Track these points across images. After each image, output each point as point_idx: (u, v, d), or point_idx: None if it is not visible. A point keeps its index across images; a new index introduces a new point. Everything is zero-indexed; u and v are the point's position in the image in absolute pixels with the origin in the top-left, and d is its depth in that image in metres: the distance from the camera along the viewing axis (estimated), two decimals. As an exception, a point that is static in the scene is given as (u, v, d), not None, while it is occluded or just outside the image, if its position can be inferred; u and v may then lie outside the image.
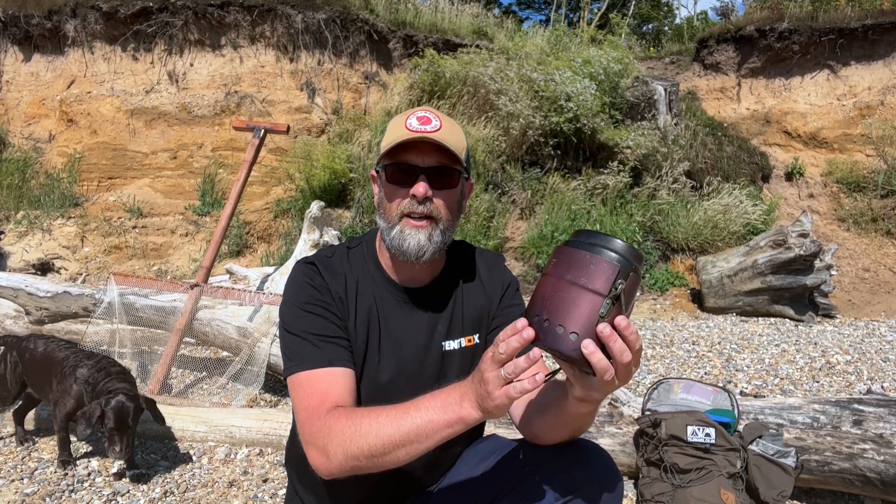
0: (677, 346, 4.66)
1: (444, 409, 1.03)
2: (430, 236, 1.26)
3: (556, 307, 0.93)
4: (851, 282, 6.79)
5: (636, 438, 2.34)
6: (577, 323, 0.92)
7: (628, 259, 0.95)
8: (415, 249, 1.26)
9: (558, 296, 0.94)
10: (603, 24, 11.92)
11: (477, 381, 1.00)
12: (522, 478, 1.29)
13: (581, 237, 0.99)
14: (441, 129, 1.25)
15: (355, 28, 8.17)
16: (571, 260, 0.96)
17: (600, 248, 0.95)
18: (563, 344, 0.92)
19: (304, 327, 1.27)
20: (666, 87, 7.83)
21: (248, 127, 4.29)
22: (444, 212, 1.28)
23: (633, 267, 0.95)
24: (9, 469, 2.57)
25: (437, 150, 1.24)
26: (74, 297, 3.92)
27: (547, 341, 0.93)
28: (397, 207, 1.27)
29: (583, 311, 0.92)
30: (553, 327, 0.93)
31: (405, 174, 1.25)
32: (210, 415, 2.97)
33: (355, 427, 1.09)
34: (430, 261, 1.30)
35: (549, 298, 0.95)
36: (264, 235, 7.09)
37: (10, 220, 6.80)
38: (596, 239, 0.97)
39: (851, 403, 2.42)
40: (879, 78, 8.48)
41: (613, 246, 0.96)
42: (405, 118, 1.26)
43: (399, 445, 1.05)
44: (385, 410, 1.09)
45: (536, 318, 0.95)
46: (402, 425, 1.05)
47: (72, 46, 7.98)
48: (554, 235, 6.35)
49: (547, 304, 0.94)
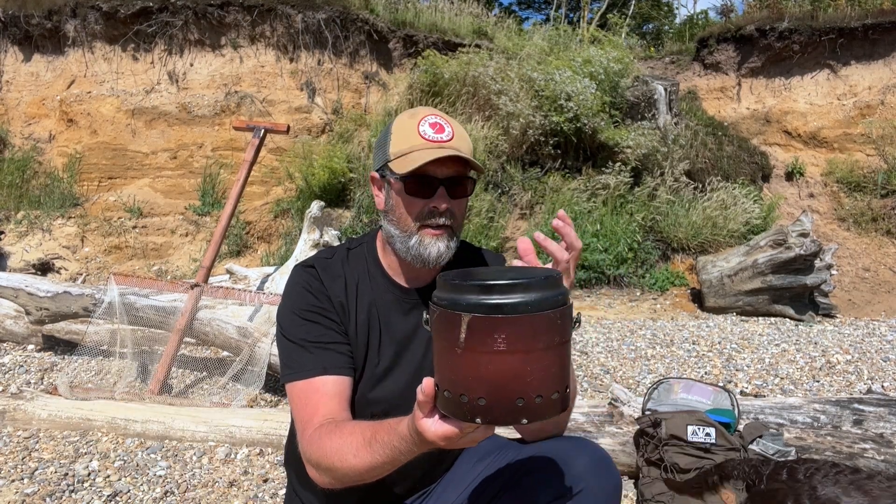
0: (677, 345, 4.66)
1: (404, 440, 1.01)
2: (447, 244, 1.28)
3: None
4: (851, 281, 6.79)
5: (636, 438, 2.34)
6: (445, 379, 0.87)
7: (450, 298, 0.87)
8: (435, 257, 1.27)
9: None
10: (603, 23, 11.91)
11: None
12: (521, 477, 1.29)
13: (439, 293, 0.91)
14: (454, 137, 1.25)
15: (355, 28, 8.17)
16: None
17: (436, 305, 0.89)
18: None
19: (301, 335, 1.27)
20: (666, 87, 7.83)
21: (248, 127, 4.29)
22: (459, 219, 1.31)
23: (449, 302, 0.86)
24: (9, 469, 2.57)
25: (455, 161, 1.25)
26: (74, 297, 3.92)
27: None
28: (415, 218, 1.27)
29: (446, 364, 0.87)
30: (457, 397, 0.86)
31: (425, 187, 1.25)
32: (210, 415, 2.97)
33: (337, 451, 1.09)
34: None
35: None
36: (264, 235, 7.10)
37: (10, 220, 6.80)
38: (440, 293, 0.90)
39: (852, 403, 2.42)
40: (879, 77, 8.48)
41: (441, 294, 0.89)
42: (416, 124, 1.25)
43: (379, 468, 1.05)
44: (363, 434, 1.07)
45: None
46: (378, 453, 1.04)
47: (72, 46, 7.98)
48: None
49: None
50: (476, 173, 1.32)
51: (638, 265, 6.46)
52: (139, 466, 2.63)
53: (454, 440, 0.90)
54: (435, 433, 0.90)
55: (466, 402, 0.84)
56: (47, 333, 4.13)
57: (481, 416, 0.84)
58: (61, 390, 3.24)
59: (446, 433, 0.89)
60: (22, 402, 3.07)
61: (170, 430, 2.89)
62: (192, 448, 2.81)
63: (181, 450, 2.79)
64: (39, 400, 3.10)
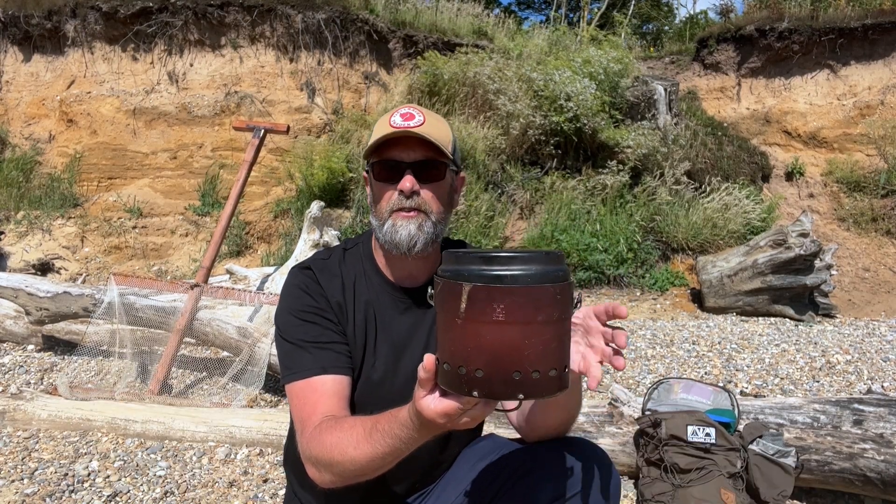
0: (677, 345, 4.66)
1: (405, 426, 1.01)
2: (420, 226, 1.26)
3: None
4: (851, 281, 6.79)
5: (636, 438, 2.35)
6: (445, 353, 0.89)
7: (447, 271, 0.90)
8: (406, 240, 1.25)
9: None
10: (603, 23, 11.92)
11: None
12: (520, 477, 1.29)
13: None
14: (425, 123, 1.25)
15: (355, 28, 8.17)
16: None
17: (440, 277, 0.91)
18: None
19: (299, 335, 1.27)
20: (666, 87, 7.83)
21: (248, 127, 4.29)
22: (433, 205, 1.28)
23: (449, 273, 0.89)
24: (9, 469, 2.57)
25: (422, 144, 1.25)
26: (74, 297, 3.92)
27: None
28: (387, 204, 1.27)
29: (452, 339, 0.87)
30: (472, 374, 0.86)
31: (392, 170, 1.26)
32: (210, 415, 2.97)
33: (337, 445, 1.09)
34: (424, 255, 1.29)
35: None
36: (264, 235, 7.10)
37: (10, 220, 6.80)
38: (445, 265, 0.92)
39: (851, 403, 2.42)
40: (879, 77, 8.48)
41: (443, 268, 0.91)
42: (389, 116, 1.27)
43: (380, 459, 1.05)
44: (364, 425, 1.07)
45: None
46: (378, 442, 1.03)
47: (72, 46, 7.98)
48: (554, 235, 6.35)
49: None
50: (455, 161, 1.31)
51: (638, 265, 6.46)
52: (139, 467, 2.63)
53: (453, 417, 0.90)
54: (434, 410, 0.89)
55: (464, 375, 0.85)
56: (47, 333, 4.13)
57: (479, 389, 0.85)
58: (61, 390, 3.24)
59: (445, 409, 0.89)
60: (22, 403, 3.07)
61: (170, 431, 2.89)
62: (192, 448, 2.80)
63: (181, 450, 2.79)
64: (39, 400, 3.10)
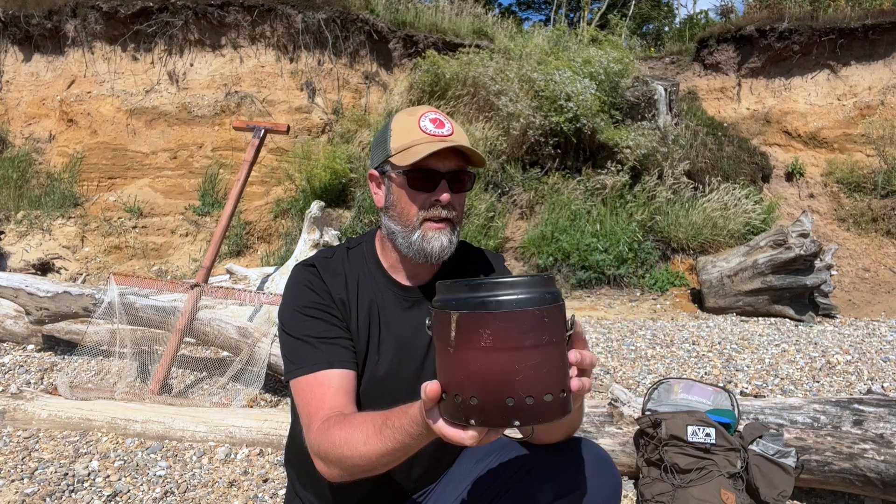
0: (677, 345, 4.66)
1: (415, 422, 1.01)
2: (450, 239, 1.29)
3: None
4: (851, 282, 6.79)
5: (636, 438, 2.34)
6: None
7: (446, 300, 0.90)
8: (438, 251, 1.28)
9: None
10: (603, 24, 11.91)
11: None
12: (521, 477, 1.29)
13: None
14: (454, 132, 1.27)
15: (355, 28, 8.17)
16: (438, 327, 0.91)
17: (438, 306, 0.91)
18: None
19: (305, 330, 1.27)
20: (666, 87, 7.83)
21: (248, 127, 4.29)
22: (459, 212, 1.32)
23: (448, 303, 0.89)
24: (9, 469, 2.57)
25: (456, 155, 1.26)
26: (74, 297, 3.92)
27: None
28: (417, 212, 1.27)
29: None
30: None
31: (428, 180, 1.26)
32: (210, 415, 2.97)
33: (347, 440, 1.09)
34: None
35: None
36: (264, 235, 7.10)
37: (10, 220, 6.80)
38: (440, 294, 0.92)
39: (852, 403, 2.42)
40: (879, 78, 8.48)
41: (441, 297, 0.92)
42: (417, 120, 1.26)
43: (390, 455, 1.04)
44: (374, 421, 1.07)
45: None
46: (389, 438, 1.03)
47: (72, 46, 7.98)
48: (554, 235, 6.35)
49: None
50: (476, 169, 1.33)
51: (638, 265, 6.46)
52: (139, 466, 2.63)
53: (465, 441, 0.90)
54: (447, 436, 0.90)
55: (461, 403, 0.85)
56: (47, 333, 4.13)
57: (475, 417, 0.84)
58: (61, 390, 3.24)
59: (452, 437, 0.89)
60: (22, 402, 3.07)
61: (170, 430, 2.89)
62: (192, 448, 2.80)
63: (181, 450, 2.79)
64: (39, 400, 3.10)
